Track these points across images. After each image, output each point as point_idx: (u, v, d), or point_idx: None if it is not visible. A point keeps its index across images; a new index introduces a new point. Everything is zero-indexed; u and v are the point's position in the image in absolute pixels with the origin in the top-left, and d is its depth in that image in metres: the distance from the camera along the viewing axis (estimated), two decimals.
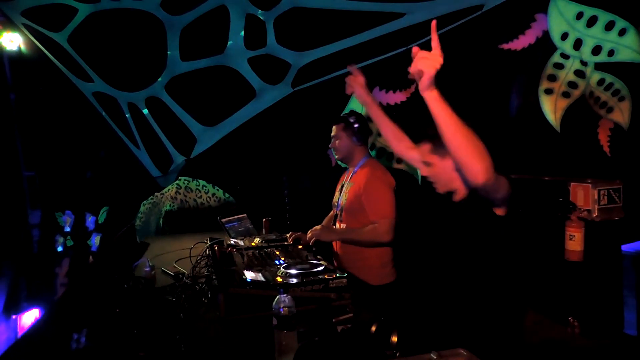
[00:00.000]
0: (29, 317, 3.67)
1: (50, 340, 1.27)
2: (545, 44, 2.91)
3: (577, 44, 2.82)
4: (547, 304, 2.75)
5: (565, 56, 2.87)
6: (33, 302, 3.70)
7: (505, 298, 1.80)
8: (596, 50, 2.75)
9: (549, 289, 2.75)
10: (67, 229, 3.86)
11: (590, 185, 2.61)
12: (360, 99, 2.19)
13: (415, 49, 1.42)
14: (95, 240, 3.82)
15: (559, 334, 2.68)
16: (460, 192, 1.84)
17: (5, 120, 3.69)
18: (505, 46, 3.08)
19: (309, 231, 2.57)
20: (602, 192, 2.62)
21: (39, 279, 3.75)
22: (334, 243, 2.71)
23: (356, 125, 2.63)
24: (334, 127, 2.73)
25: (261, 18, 3.68)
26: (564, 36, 2.86)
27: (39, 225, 3.84)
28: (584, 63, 2.81)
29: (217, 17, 3.72)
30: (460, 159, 1.47)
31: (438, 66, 1.39)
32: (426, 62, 1.39)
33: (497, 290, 1.78)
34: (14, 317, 3.61)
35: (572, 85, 2.86)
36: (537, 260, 2.85)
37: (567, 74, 2.87)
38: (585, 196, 2.64)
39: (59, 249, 3.80)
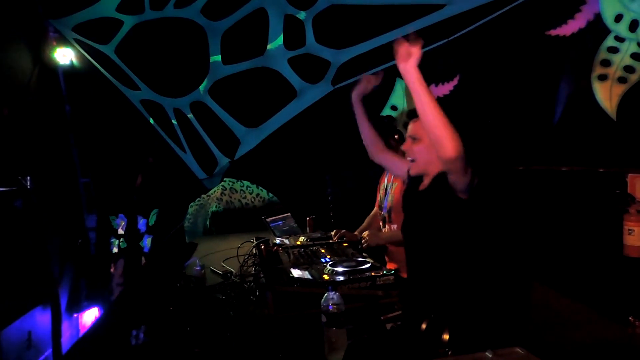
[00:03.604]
0: (89, 315, 3.85)
1: (111, 336, 1.33)
2: (597, 28, 2.76)
3: (633, 26, 2.65)
4: (605, 302, 2.62)
5: (620, 39, 2.71)
6: (92, 301, 3.88)
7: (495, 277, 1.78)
8: None
9: (607, 287, 2.62)
10: (121, 231, 4.03)
11: None
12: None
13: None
14: (147, 242, 3.96)
15: (618, 333, 2.55)
16: (430, 176, 1.83)
17: (62, 130, 3.89)
18: (553, 32, 2.94)
19: (365, 237, 2.56)
20: None
21: (97, 279, 3.93)
22: None
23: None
24: None
25: (300, 18, 3.70)
26: (618, 18, 2.70)
27: (95, 228, 4.03)
28: None
29: (256, 20, 3.77)
30: (435, 133, 1.62)
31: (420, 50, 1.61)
32: (411, 47, 1.62)
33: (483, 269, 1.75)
34: (75, 315, 3.80)
35: (629, 69, 2.69)
36: (594, 256, 2.72)
37: (622, 58, 2.71)
38: None
39: (114, 250, 3.96)
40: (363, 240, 2.54)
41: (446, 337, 1.34)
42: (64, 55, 3.79)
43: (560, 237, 2.89)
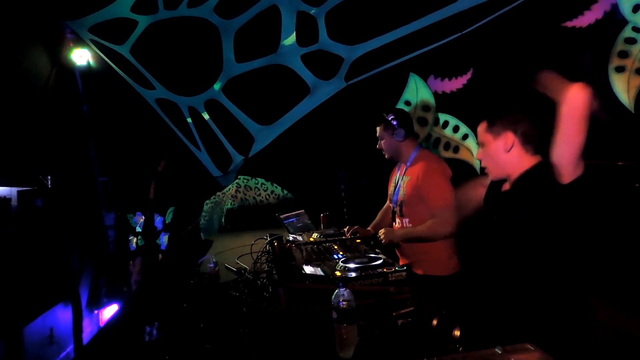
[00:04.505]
0: (109, 311, 3.93)
1: (126, 333, 1.36)
2: (614, 19, 2.70)
3: None
4: (625, 297, 2.57)
5: (638, 30, 2.65)
6: (111, 298, 3.96)
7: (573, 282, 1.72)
8: None
9: (627, 281, 2.57)
10: (139, 229, 4.09)
11: None
12: None
13: None
14: (164, 239, 4.01)
15: (638, 329, 2.50)
16: (514, 175, 1.78)
17: (80, 130, 3.96)
18: (569, 24, 2.89)
19: (381, 236, 2.54)
20: None
21: (116, 276, 4.00)
22: None
23: (395, 123, 2.60)
24: (377, 128, 2.73)
25: (312, 14, 3.70)
26: (636, 8, 2.64)
27: (114, 226, 4.10)
28: None
29: (269, 17, 3.78)
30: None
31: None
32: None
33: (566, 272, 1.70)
34: (95, 312, 3.88)
35: None
36: (614, 250, 2.66)
37: None
38: None
39: (132, 248, 4.03)
40: (381, 238, 2.52)
41: (457, 333, 1.34)
42: (81, 56, 3.84)
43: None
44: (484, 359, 1.09)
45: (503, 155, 1.77)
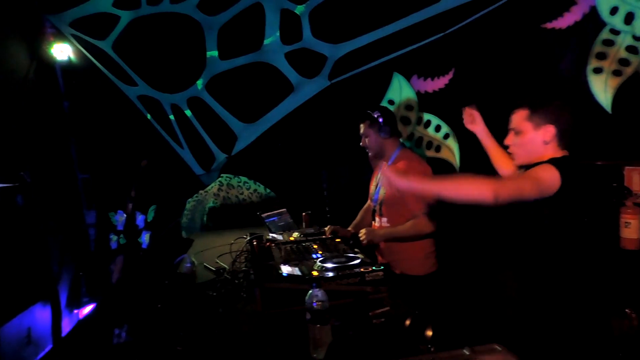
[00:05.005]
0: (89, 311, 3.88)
1: (95, 335, 1.34)
2: (592, 21, 2.74)
3: (629, 18, 2.63)
4: (602, 295, 2.61)
5: (615, 32, 2.69)
6: (91, 297, 3.91)
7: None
8: None
9: (604, 279, 2.61)
10: (120, 227, 4.04)
11: None
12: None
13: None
14: (146, 238, 3.98)
15: (616, 326, 2.54)
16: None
17: (60, 126, 3.90)
18: (549, 25, 2.91)
19: (362, 236, 2.53)
20: None
21: (97, 275, 3.95)
22: None
23: (381, 120, 2.60)
24: (360, 125, 2.72)
25: (296, 12, 3.69)
26: (614, 10, 2.67)
27: (94, 224, 4.05)
28: (636, 38, 2.62)
29: (252, 15, 3.76)
30: (467, 201, 1.60)
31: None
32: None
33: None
34: (75, 311, 3.83)
35: (624, 62, 2.67)
36: (591, 249, 2.70)
37: (618, 51, 2.68)
38: None
39: (113, 246, 3.98)
40: (362, 238, 2.52)
41: (429, 333, 1.34)
42: (62, 51, 3.78)
43: None
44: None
45: (540, 147, 1.77)
